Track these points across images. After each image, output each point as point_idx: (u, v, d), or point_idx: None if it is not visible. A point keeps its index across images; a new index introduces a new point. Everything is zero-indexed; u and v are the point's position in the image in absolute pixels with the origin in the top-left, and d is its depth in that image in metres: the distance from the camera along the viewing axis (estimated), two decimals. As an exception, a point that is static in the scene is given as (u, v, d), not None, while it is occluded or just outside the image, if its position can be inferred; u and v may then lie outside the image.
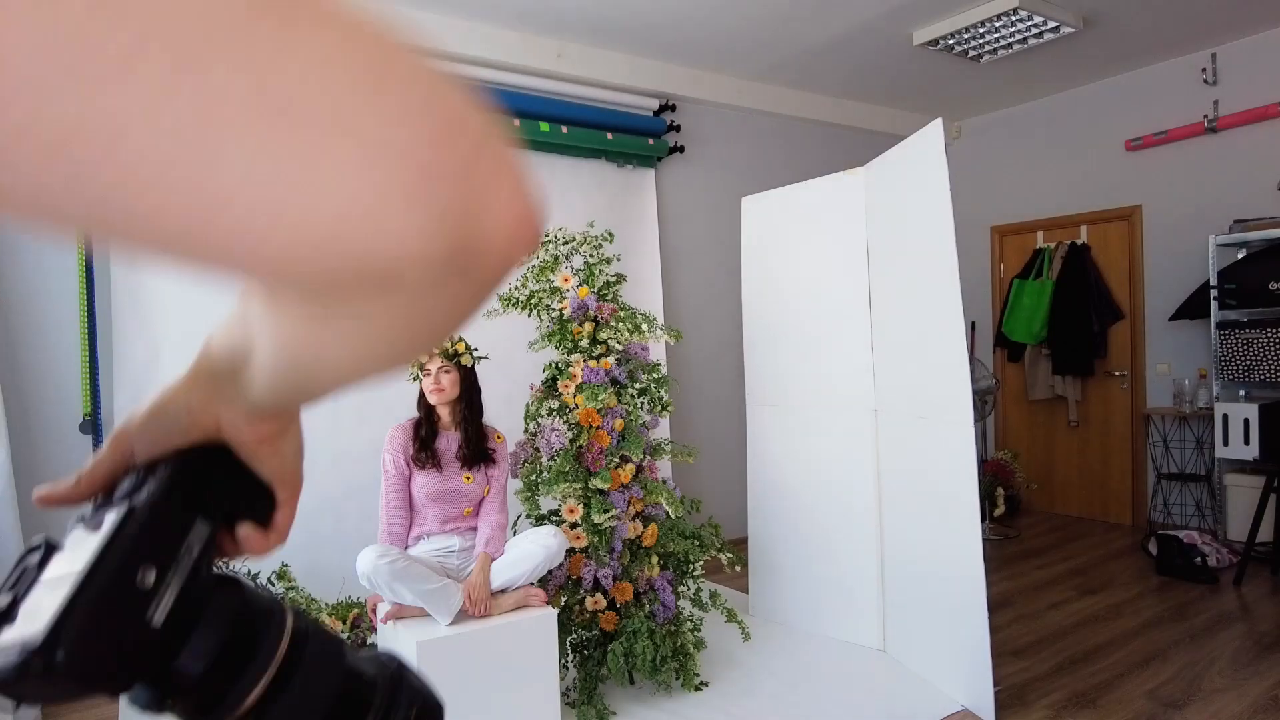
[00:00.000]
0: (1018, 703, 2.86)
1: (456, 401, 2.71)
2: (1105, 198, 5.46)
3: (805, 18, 4.26)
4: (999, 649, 3.26)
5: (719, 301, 5.14)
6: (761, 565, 3.79)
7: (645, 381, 3.10)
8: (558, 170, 4.50)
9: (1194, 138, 4.99)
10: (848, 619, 3.49)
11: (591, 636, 2.92)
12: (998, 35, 4.40)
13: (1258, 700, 2.84)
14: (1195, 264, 4.93)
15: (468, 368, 2.72)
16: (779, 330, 3.74)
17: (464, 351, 2.70)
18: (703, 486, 4.53)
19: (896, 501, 3.28)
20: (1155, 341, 5.26)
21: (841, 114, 5.74)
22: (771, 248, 3.79)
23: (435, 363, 2.67)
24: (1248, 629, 3.52)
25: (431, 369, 2.67)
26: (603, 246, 3.07)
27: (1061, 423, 5.75)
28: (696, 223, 5.14)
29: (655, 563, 2.95)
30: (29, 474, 3.18)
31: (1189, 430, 5.05)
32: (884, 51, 4.76)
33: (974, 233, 6.13)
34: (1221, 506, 4.68)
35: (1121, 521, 5.42)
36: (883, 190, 3.30)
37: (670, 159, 5.01)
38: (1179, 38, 4.73)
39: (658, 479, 3.04)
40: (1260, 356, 4.48)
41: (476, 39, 4.16)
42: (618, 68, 4.66)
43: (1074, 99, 5.60)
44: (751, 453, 3.86)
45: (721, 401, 5.00)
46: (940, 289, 2.86)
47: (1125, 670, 3.12)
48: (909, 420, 3.15)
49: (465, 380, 2.72)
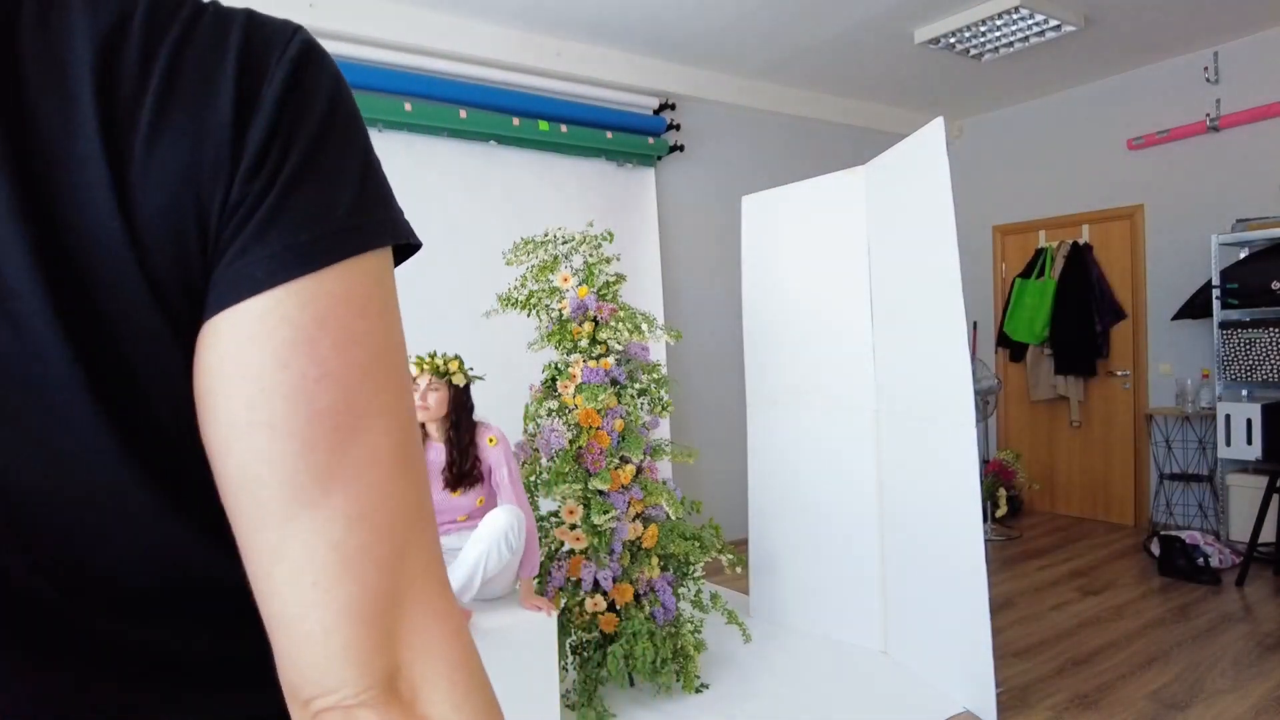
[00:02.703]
0: (1019, 704, 2.85)
1: (445, 419, 2.60)
2: (1107, 197, 5.45)
3: (806, 16, 4.25)
4: (1001, 650, 3.25)
5: (719, 301, 5.12)
6: (762, 566, 3.78)
7: (645, 382, 3.08)
8: (557, 170, 4.49)
9: (1196, 136, 4.97)
10: (849, 620, 3.48)
11: (591, 638, 2.91)
12: (999, 34, 4.39)
13: (1260, 701, 2.82)
14: (1197, 263, 4.91)
15: (459, 387, 2.61)
16: (779, 330, 3.72)
17: (456, 370, 2.59)
18: (703, 487, 4.51)
19: (898, 502, 3.26)
20: (1157, 341, 5.25)
21: (842, 113, 5.72)
22: (772, 247, 3.78)
23: (424, 379, 2.55)
24: (1250, 630, 3.51)
25: (420, 385, 2.54)
26: (602, 246, 3.06)
27: (1063, 423, 5.74)
28: (696, 222, 5.13)
29: (655, 564, 2.93)
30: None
31: (1191, 430, 5.04)
32: (885, 50, 4.75)
33: (975, 232, 6.12)
34: (1224, 507, 4.67)
35: (1124, 522, 5.40)
36: (884, 189, 3.29)
37: (670, 158, 4.99)
38: (1181, 36, 4.72)
39: (658, 480, 3.03)
40: (1263, 356, 4.46)
41: (476, 38, 4.15)
42: (617, 66, 4.65)
43: (1075, 98, 5.58)
44: (752, 453, 3.85)
45: (722, 402, 4.98)
46: (941, 289, 2.85)
47: (1127, 671, 3.11)
48: (910, 421, 3.14)
49: (454, 400, 2.59)
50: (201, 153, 0.37)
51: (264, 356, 0.36)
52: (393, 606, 0.38)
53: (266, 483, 0.36)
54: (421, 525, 0.40)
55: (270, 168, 0.38)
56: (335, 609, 0.37)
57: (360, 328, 0.38)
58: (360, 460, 0.38)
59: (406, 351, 0.42)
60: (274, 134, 0.38)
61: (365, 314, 0.39)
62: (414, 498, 0.40)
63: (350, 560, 0.37)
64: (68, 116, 0.35)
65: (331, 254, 0.38)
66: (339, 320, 0.38)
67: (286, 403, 0.36)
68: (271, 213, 0.38)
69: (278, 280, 0.37)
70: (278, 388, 0.36)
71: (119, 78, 0.36)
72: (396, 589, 0.38)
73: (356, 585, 0.37)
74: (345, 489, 0.37)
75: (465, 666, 0.40)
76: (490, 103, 4.20)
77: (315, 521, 0.37)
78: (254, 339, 0.36)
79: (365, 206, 0.41)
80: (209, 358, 0.37)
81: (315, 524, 0.37)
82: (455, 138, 4.13)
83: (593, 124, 4.54)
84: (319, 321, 0.37)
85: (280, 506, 0.36)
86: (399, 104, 3.90)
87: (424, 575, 0.40)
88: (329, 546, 0.37)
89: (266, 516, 0.37)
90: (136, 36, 0.37)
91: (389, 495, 0.38)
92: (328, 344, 0.37)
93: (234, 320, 0.37)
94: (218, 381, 0.37)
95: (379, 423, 0.38)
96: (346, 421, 0.37)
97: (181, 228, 0.36)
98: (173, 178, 0.36)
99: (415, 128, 3.98)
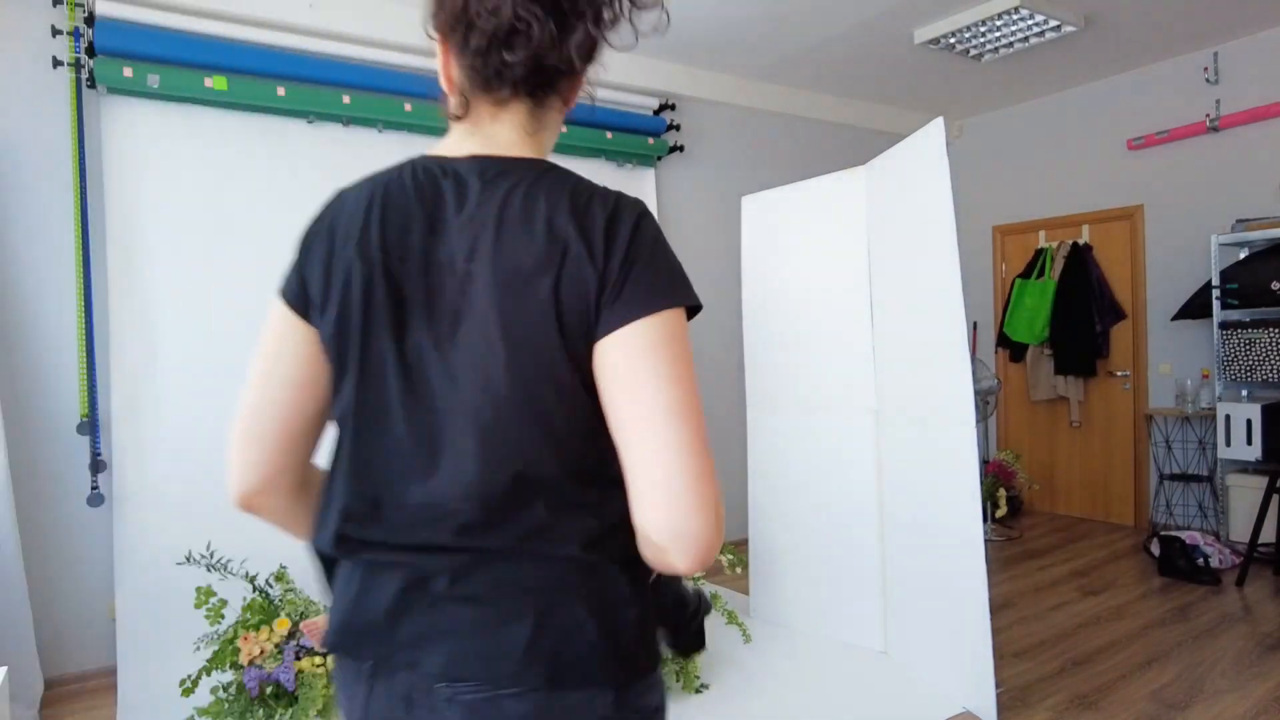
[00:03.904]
0: (1020, 704, 2.85)
1: None
2: (1107, 197, 5.45)
3: (806, 16, 4.25)
4: (1001, 650, 3.25)
5: (719, 301, 5.11)
6: (762, 567, 3.78)
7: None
8: (557, 170, 4.48)
9: (1196, 137, 4.97)
10: (849, 620, 3.47)
11: (591, 638, 2.90)
12: (999, 34, 4.39)
13: (1260, 701, 2.82)
14: (1197, 264, 4.91)
15: None
16: (779, 330, 3.72)
17: None
18: (703, 487, 4.51)
19: (898, 502, 3.26)
20: (1157, 342, 5.25)
21: (842, 113, 5.72)
22: (772, 247, 3.78)
23: None
24: (1250, 630, 3.51)
25: None
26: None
27: (1063, 423, 5.74)
28: (696, 222, 5.13)
29: (655, 564, 2.93)
30: (27, 475, 3.16)
31: (1191, 431, 5.04)
32: (885, 50, 4.75)
33: (975, 232, 6.12)
34: (1224, 507, 4.67)
35: (1124, 522, 5.40)
36: (884, 190, 3.29)
37: (670, 158, 4.99)
38: (1181, 37, 4.72)
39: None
40: (1262, 357, 4.46)
41: (476, 38, 4.14)
42: (617, 67, 4.64)
43: (1076, 98, 5.58)
44: (752, 453, 3.85)
45: (721, 402, 4.98)
46: (942, 289, 2.84)
47: (1127, 672, 3.11)
48: (910, 421, 3.14)
49: None
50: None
51: (629, 356, 0.77)
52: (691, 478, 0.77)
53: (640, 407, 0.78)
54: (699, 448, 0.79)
55: (624, 266, 0.79)
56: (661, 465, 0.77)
57: (673, 349, 0.78)
58: (671, 402, 0.78)
59: (693, 367, 0.79)
60: (626, 253, 0.79)
61: (674, 340, 0.78)
62: (689, 432, 0.78)
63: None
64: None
65: (656, 307, 0.78)
66: (663, 341, 0.77)
67: (642, 376, 0.77)
68: (626, 287, 0.78)
69: (634, 317, 0.77)
70: (639, 371, 0.77)
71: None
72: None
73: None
74: (667, 410, 0.78)
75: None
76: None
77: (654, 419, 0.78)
78: (621, 347, 0.77)
79: (673, 286, 0.80)
80: (603, 359, 0.78)
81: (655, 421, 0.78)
82: (455, 138, 4.12)
83: (593, 124, 4.54)
84: (654, 341, 0.77)
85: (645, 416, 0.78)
86: (399, 104, 3.89)
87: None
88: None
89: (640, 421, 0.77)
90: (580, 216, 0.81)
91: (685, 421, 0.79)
92: (660, 351, 0.77)
93: (614, 339, 0.77)
94: (610, 370, 0.78)
95: (679, 390, 0.78)
96: (667, 386, 0.77)
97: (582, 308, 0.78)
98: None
99: (415, 128, 3.98)
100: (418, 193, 0.83)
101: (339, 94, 3.76)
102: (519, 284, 0.77)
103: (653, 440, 0.75)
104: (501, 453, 0.78)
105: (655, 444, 0.75)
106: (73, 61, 3.25)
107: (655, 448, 0.75)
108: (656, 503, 0.74)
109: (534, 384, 0.78)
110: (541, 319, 0.76)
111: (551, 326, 0.76)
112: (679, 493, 0.74)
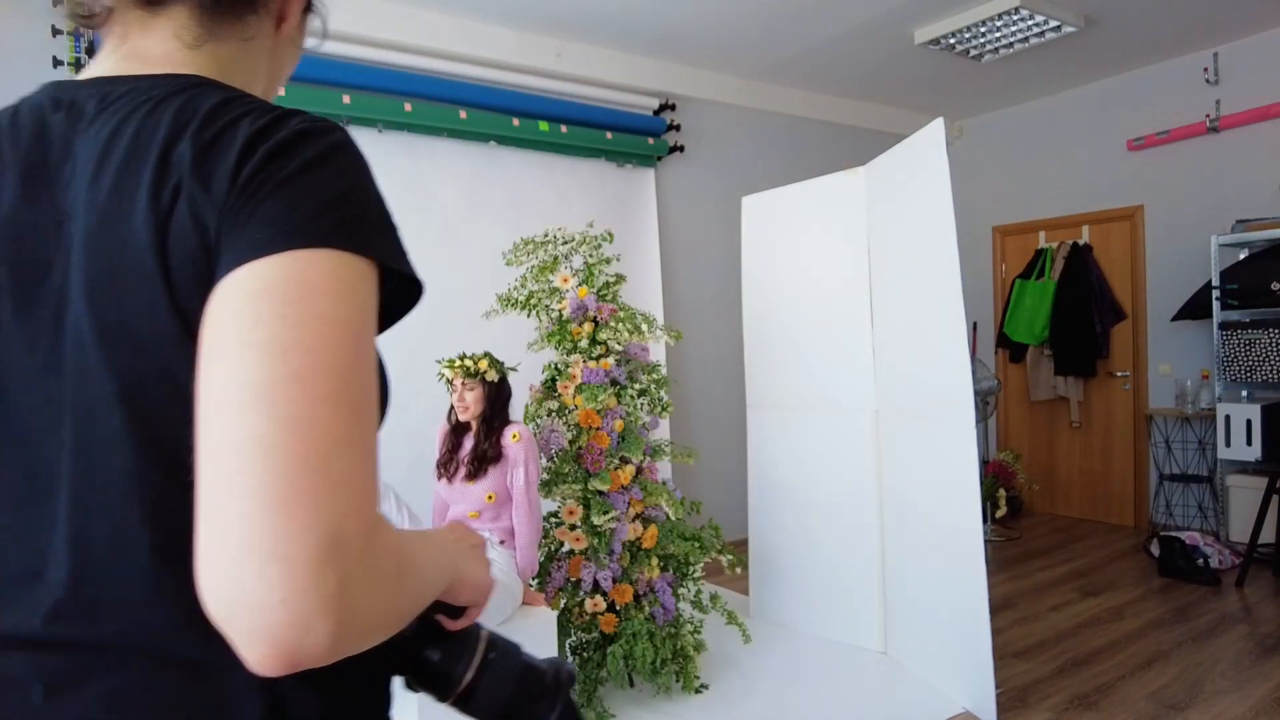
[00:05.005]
0: (1019, 705, 2.85)
1: (483, 413, 2.71)
2: (1107, 198, 5.45)
3: (806, 17, 4.25)
4: (1000, 651, 3.25)
5: (719, 301, 5.12)
6: (762, 567, 3.78)
7: (645, 382, 3.08)
8: (557, 170, 4.48)
9: (1196, 137, 4.97)
10: (849, 621, 3.47)
11: (591, 639, 2.91)
12: (999, 34, 4.39)
13: (1260, 702, 2.82)
14: (1197, 264, 4.91)
15: (492, 382, 2.70)
16: (779, 330, 3.72)
17: (486, 368, 2.68)
18: (703, 488, 4.51)
19: (898, 503, 3.26)
20: (1157, 342, 5.25)
21: (842, 113, 5.72)
22: (772, 248, 3.78)
23: (458, 381, 2.66)
24: (1250, 630, 3.51)
25: (457, 385, 2.67)
26: (602, 246, 3.05)
27: (1063, 424, 5.74)
28: (696, 223, 5.13)
29: (655, 564, 2.93)
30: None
31: (1191, 431, 5.04)
32: (885, 50, 4.75)
33: (975, 233, 6.11)
34: (1224, 508, 4.67)
35: (1123, 523, 5.40)
36: (884, 190, 3.29)
37: (670, 159, 4.99)
38: (1181, 37, 4.72)
39: (657, 480, 3.03)
40: (1262, 357, 4.46)
41: (476, 38, 4.15)
42: (617, 67, 4.65)
43: (1076, 98, 5.58)
44: (752, 454, 3.85)
45: (721, 402, 4.98)
46: (941, 289, 2.85)
47: (1127, 672, 3.11)
48: (910, 421, 3.14)
49: (490, 394, 2.70)
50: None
51: (218, 315, 0.50)
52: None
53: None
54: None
55: (249, 196, 0.52)
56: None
57: (300, 306, 0.50)
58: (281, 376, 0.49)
59: (354, 339, 0.51)
60: (254, 176, 0.53)
61: (304, 292, 0.50)
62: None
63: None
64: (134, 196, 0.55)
65: (285, 245, 0.51)
66: (280, 290, 0.50)
67: (227, 341, 0.49)
68: (252, 222, 0.52)
69: (243, 260, 0.50)
70: (225, 335, 0.50)
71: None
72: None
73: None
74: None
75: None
76: (490, 103, 4.20)
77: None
78: (214, 306, 0.50)
79: (329, 219, 0.52)
80: (206, 312, 0.51)
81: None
82: (455, 138, 4.12)
83: (593, 124, 4.54)
84: (260, 290, 0.49)
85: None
86: (399, 104, 3.90)
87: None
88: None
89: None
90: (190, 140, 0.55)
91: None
92: (266, 305, 0.49)
93: (213, 298, 0.51)
94: (205, 327, 0.51)
95: (284, 366, 0.48)
96: (264, 359, 0.48)
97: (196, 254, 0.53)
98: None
99: (415, 128, 3.98)
100: (13, 136, 0.61)
101: (339, 94, 3.76)
102: (113, 256, 0.53)
103: (216, 441, 0.47)
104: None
105: (217, 447, 0.46)
106: (73, 61, 3.25)
107: (214, 453, 0.46)
108: (204, 549, 0.46)
109: (145, 394, 0.54)
110: (146, 308, 0.53)
111: (164, 314, 0.52)
112: (237, 534, 0.44)
